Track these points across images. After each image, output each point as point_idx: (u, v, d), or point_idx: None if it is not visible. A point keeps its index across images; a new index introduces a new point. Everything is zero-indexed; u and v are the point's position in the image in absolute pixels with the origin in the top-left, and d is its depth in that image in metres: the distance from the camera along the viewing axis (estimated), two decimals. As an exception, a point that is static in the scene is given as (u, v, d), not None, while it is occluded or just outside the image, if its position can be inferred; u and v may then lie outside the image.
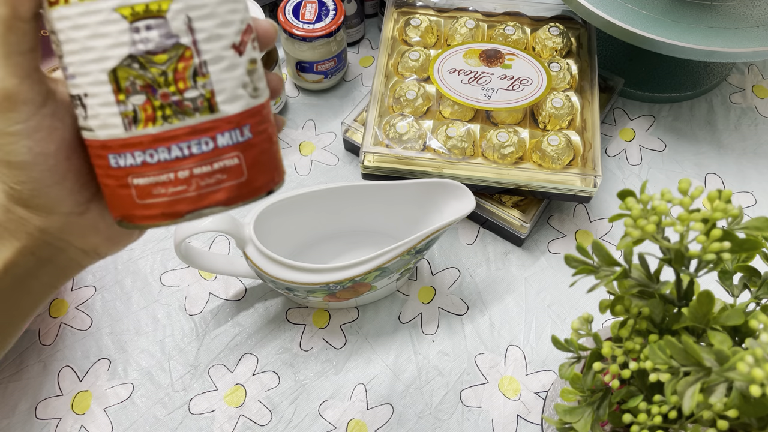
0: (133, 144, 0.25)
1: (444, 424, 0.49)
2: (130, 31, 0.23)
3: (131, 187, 0.25)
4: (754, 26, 0.56)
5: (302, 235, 0.55)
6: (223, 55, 0.25)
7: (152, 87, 0.24)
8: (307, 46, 0.63)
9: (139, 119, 0.24)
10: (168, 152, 0.25)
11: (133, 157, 0.25)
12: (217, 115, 0.25)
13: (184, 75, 0.24)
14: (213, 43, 0.24)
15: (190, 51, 0.24)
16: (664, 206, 0.29)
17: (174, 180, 0.25)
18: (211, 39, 0.24)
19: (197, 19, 0.24)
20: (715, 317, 0.31)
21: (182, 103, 0.24)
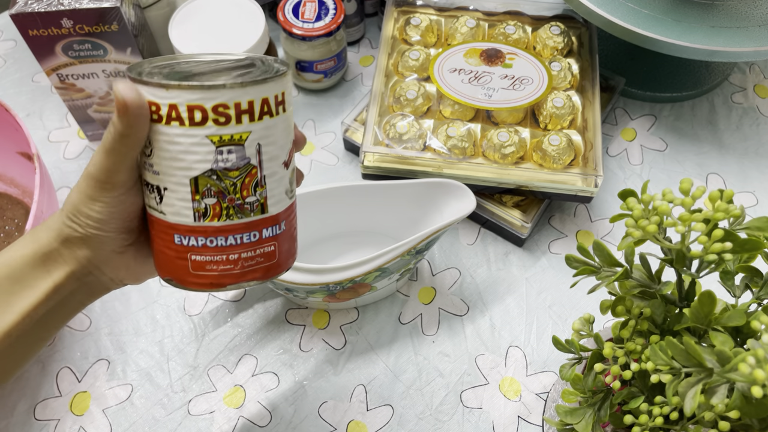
0: (198, 231, 0.31)
1: (444, 425, 0.49)
2: (215, 153, 0.30)
3: (188, 261, 0.32)
4: (756, 26, 0.55)
5: (302, 235, 0.54)
6: (277, 171, 0.32)
7: (223, 193, 0.31)
8: (307, 45, 0.63)
9: (208, 215, 0.31)
10: (225, 240, 0.32)
11: (196, 240, 0.32)
12: (266, 214, 0.32)
13: (249, 186, 0.31)
14: (272, 162, 0.31)
15: (256, 169, 0.31)
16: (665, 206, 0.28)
17: (225, 260, 0.32)
18: (271, 159, 0.31)
19: (265, 146, 0.31)
20: (717, 318, 0.30)
21: (243, 206, 0.31)
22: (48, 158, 0.64)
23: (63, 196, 0.61)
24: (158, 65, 0.31)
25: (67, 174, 0.63)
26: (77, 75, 0.56)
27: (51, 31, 0.52)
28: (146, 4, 0.60)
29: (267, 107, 0.31)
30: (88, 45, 0.54)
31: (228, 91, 0.29)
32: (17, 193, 0.58)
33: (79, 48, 0.54)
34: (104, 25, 0.52)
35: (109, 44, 0.54)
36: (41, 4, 0.51)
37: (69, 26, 0.52)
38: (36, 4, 0.51)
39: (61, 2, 0.51)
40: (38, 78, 0.70)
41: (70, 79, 0.57)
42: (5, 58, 0.72)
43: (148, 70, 0.31)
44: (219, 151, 0.30)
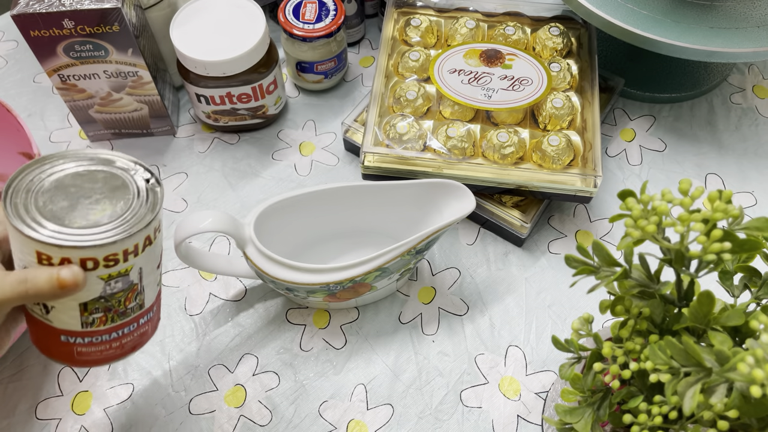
0: (85, 334, 0.36)
1: (444, 424, 0.49)
2: (104, 285, 0.34)
3: (74, 351, 0.37)
4: (755, 26, 0.56)
5: (302, 235, 0.55)
6: (153, 278, 0.37)
7: (109, 308, 0.35)
8: (308, 46, 0.63)
9: (95, 324, 0.36)
10: (109, 335, 0.37)
11: (83, 339, 0.36)
12: (143, 309, 0.38)
13: (131, 297, 0.36)
14: (150, 274, 0.37)
15: (138, 284, 0.36)
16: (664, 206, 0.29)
17: (108, 348, 0.37)
18: (149, 273, 0.36)
19: (145, 267, 0.36)
20: (716, 318, 0.31)
21: (125, 311, 0.36)
22: (49, 158, 0.64)
23: (64, 196, 0.61)
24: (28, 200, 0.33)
25: (67, 174, 0.63)
26: (78, 76, 0.57)
27: (52, 31, 0.52)
28: (147, 5, 0.60)
29: (149, 241, 0.35)
30: (90, 46, 0.54)
31: (118, 244, 0.33)
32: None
33: (80, 49, 0.54)
34: (105, 26, 0.52)
35: (111, 45, 0.54)
36: (42, 5, 0.51)
37: (70, 27, 0.52)
38: (37, 4, 0.51)
39: (62, 3, 0.51)
40: (39, 78, 0.71)
41: (72, 79, 0.57)
42: (6, 58, 0.72)
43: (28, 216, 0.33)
44: (108, 283, 0.34)
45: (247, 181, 0.62)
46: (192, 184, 0.62)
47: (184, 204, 0.61)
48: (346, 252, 0.55)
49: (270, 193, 0.62)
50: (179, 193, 0.62)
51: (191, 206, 0.61)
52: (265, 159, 0.64)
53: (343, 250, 0.55)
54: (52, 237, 0.32)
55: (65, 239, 0.32)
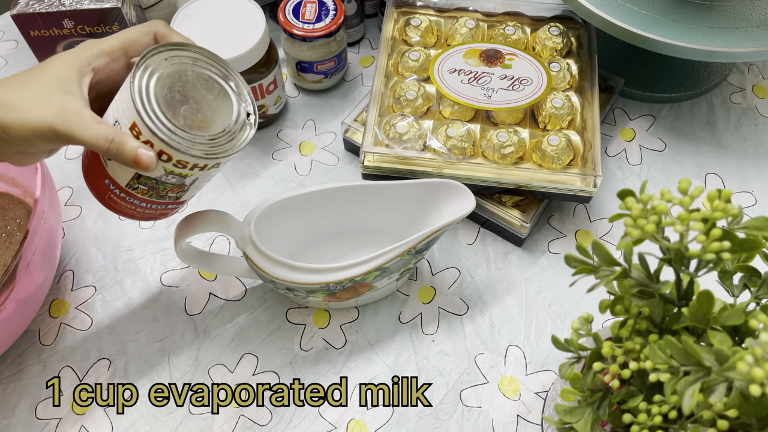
0: (124, 191, 0.41)
1: (444, 424, 0.49)
2: (163, 174, 0.39)
3: (107, 195, 0.42)
4: (755, 26, 0.56)
5: (302, 235, 0.55)
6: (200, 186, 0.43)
7: (154, 188, 0.40)
8: (307, 46, 0.63)
9: (137, 190, 0.41)
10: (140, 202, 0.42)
11: (119, 193, 0.41)
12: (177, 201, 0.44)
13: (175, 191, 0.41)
14: (200, 184, 0.42)
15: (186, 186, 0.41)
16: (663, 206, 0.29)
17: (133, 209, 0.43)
18: (199, 183, 0.42)
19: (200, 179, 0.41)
20: (715, 317, 0.31)
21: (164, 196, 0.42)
22: (49, 158, 0.64)
23: (64, 196, 0.62)
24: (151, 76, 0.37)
25: (68, 174, 0.63)
26: (78, 75, 0.56)
27: (52, 31, 0.52)
28: (147, 4, 0.60)
29: (217, 165, 0.40)
30: (89, 45, 0.54)
31: (196, 158, 0.38)
32: (18, 193, 0.58)
33: (80, 48, 0.54)
34: (105, 26, 0.52)
35: (110, 45, 0.54)
36: (42, 5, 0.51)
37: (70, 27, 0.52)
38: (37, 4, 0.51)
39: (62, 3, 0.51)
40: (39, 78, 0.70)
41: (71, 79, 0.57)
42: (6, 58, 0.72)
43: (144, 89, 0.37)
44: (166, 174, 0.39)
45: (247, 181, 0.62)
46: (192, 184, 0.62)
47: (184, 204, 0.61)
48: (346, 252, 0.55)
49: (270, 192, 0.62)
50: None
51: (191, 206, 0.61)
52: (265, 159, 0.64)
53: (343, 250, 0.55)
54: (152, 121, 0.36)
55: (161, 130, 0.36)
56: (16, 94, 0.37)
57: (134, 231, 0.59)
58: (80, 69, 0.38)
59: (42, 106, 0.36)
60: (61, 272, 0.57)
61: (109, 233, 0.59)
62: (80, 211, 0.61)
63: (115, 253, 0.58)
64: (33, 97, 0.36)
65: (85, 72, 0.39)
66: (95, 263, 0.57)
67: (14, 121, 0.36)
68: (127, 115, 0.37)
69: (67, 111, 0.36)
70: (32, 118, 0.36)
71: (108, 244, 0.59)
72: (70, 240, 0.59)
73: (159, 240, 0.59)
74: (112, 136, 0.36)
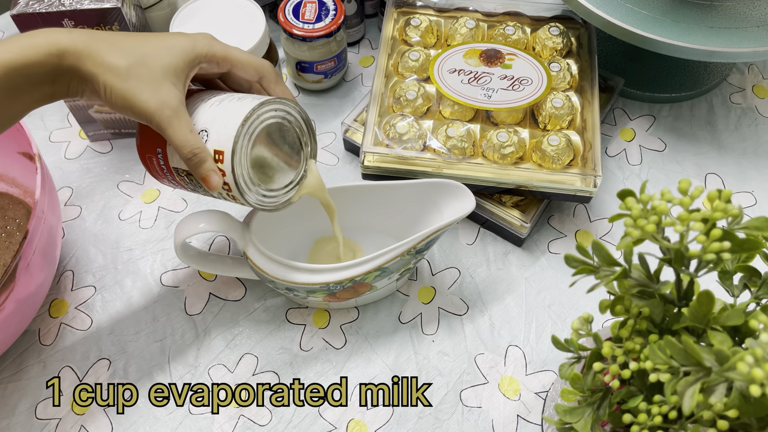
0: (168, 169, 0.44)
1: (444, 424, 0.49)
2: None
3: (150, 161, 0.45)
4: (755, 26, 0.56)
5: (303, 235, 0.55)
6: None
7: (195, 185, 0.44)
8: (307, 46, 0.63)
9: (178, 175, 0.44)
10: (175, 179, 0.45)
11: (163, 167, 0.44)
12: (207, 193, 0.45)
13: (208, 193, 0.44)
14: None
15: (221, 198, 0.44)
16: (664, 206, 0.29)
17: (169, 180, 0.46)
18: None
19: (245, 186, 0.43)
20: (715, 317, 0.31)
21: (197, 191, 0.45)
22: (49, 158, 0.64)
23: (64, 196, 0.62)
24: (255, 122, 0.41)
25: (68, 174, 0.63)
26: (78, 75, 0.56)
27: (52, 31, 0.52)
28: (147, 4, 0.60)
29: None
30: (89, 45, 0.54)
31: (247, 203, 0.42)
32: (18, 193, 0.58)
33: (80, 48, 0.54)
34: (105, 26, 0.52)
35: (110, 45, 0.54)
36: (42, 5, 0.51)
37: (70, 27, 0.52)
38: (37, 4, 0.51)
39: (62, 3, 0.51)
40: (39, 78, 0.70)
41: (71, 79, 0.57)
42: (6, 58, 0.72)
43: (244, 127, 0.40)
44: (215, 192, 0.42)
45: (247, 181, 0.62)
46: (192, 184, 0.62)
47: (184, 204, 0.61)
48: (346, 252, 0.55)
49: (270, 192, 0.62)
50: (179, 192, 0.62)
51: (191, 206, 0.61)
52: (264, 159, 0.64)
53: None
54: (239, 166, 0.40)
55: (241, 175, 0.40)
56: (128, 63, 0.38)
57: (134, 231, 0.59)
58: (192, 63, 0.40)
59: (148, 92, 0.38)
60: (61, 272, 0.57)
61: (109, 233, 0.59)
62: (80, 211, 0.61)
63: (115, 253, 0.58)
64: (144, 77, 0.38)
65: (194, 67, 0.41)
66: (95, 263, 0.57)
67: (119, 91, 0.38)
68: (221, 139, 0.40)
69: (169, 106, 0.38)
70: (135, 98, 0.38)
71: (108, 244, 0.59)
72: (70, 240, 0.59)
73: (159, 240, 0.59)
74: (198, 150, 0.39)
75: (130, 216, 0.60)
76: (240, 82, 0.45)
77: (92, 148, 0.65)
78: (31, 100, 0.38)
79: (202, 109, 0.42)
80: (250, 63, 0.43)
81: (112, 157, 0.64)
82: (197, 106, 0.42)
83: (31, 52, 0.36)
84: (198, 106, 0.42)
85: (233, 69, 0.43)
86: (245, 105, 0.40)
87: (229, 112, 0.40)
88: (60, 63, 0.37)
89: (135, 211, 0.61)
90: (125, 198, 0.61)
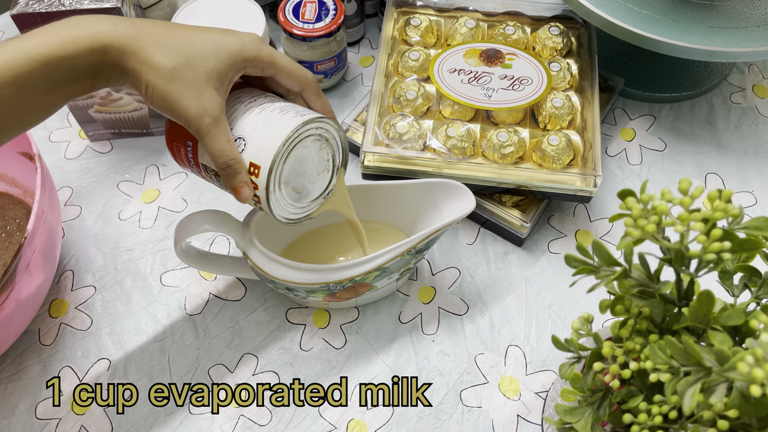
0: (196, 161, 0.43)
1: (444, 424, 0.49)
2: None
3: (178, 151, 0.44)
4: (755, 26, 0.56)
5: (303, 234, 0.55)
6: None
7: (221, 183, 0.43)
8: (307, 45, 0.63)
9: (206, 171, 0.43)
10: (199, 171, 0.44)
11: (190, 159, 0.43)
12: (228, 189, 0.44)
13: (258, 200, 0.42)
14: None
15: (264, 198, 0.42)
16: (664, 206, 0.29)
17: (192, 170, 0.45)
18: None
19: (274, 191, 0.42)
20: (716, 317, 0.31)
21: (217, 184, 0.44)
22: (49, 158, 0.64)
23: (64, 196, 0.62)
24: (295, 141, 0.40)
25: (68, 174, 0.63)
26: (78, 75, 0.56)
27: (52, 31, 0.52)
28: (147, 4, 0.60)
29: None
30: (89, 45, 0.54)
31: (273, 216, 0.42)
32: (18, 193, 0.58)
33: (80, 48, 0.54)
34: (105, 26, 0.52)
35: (110, 45, 0.54)
36: (42, 5, 0.51)
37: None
38: (37, 4, 0.51)
39: (62, 3, 0.51)
40: (39, 78, 0.70)
41: (71, 79, 0.57)
42: (6, 58, 0.72)
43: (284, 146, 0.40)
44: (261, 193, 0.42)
45: (247, 181, 0.62)
46: (192, 183, 0.62)
47: (184, 204, 0.61)
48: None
49: (270, 192, 0.62)
50: (179, 192, 0.62)
51: (191, 206, 0.61)
52: (265, 159, 0.64)
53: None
54: (274, 183, 0.40)
55: (273, 192, 0.40)
56: (173, 65, 0.37)
57: (134, 231, 0.59)
58: (237, 67, 0.40)
59: (190, 98, 0.37)
60: (61, 272, 0.57)
61: (109, 233, 0.59)
62: (80, 211, 0.61)
63: (115, 253, 0.58)
64: (188, 80, 0.37)
65: (239, 71, 0.40)
66: (95, 263, 0.57)
67: (161, 92, 0.37)
68: (259, 153, 0.39)
69: (210, 114, 0.38)
70: (177, 102, 0.37)
71: (108, 244, 0.59)
72: (70, 240, 0.59)
73: (159, 240, 0.59)
74: (233, 161, 0.39)
75: (130, 216, 0.60)
76: (280, 88, 0.44)
77: (92, 148, 0.65)
78: (71, 92, 0.37)
79: (241, 113, 0.41)
80: (294, 73, 0.42)
81: (112, 157, 0.64)
82: (236, 108, 0.41)
83: (72, 47, 0.35)
84: (236, 109, 0.41)
85: (277, 76, 0.42)
86: (288, 122, 0.40)
87: (270, 127, 0.40)
88: (102, 59, 0.36)
89: (135, 211, 0.61)
90: (125, 198, 0.61)
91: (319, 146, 0.42)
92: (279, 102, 0.42)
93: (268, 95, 0.43)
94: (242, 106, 0.41)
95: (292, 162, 0.41)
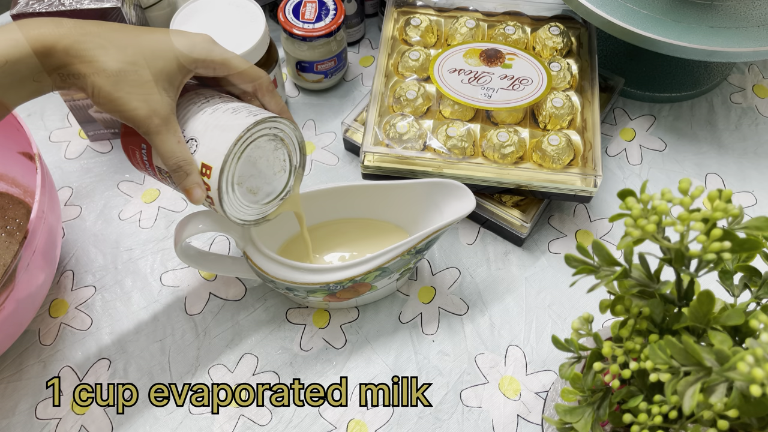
0: (151, 165, 0.43)
1: (444, 424, 0.49)
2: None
3: (134, 154, 0.44)
4: (755, 26, 0.56)
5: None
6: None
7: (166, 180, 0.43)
8: (307, 45, 0.63)
9: (160, 173, 0.43)
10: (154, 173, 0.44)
11: (145, 162, 0.43)
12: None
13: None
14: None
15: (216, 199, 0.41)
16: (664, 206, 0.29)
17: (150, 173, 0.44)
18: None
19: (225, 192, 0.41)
20: (716, 317, 0.31)
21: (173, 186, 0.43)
22: (49, 158, 0.64)
23: (64, 196, 0.62)
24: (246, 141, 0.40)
25: (68, 174, 0.63)
26: (78, 75, 0.56)
27: (52, 31, 0.52)
28: (147, 4, 0.60)
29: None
30: (89, 45, 0.54)
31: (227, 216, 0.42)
32: (18, 192, 0.58)
33: (80, 48, 0.54)
34: (105, 26, 0.52)
35: (110, 44, 0.54)
36: (42, 5, 0.51)
37: (70, 27, 0.52)
38: (37, 4, 0.51)
39: (62, 2, 0.51)
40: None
41: (71, 79, 0.57)
42: (6, 58, 0.72)
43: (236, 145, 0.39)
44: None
45: (247, 181, 0.62)
46: (192, 183, 0.62)
47: (184, 204, 0.61)
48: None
49: (270, 192, 0.62)
50: (179, 192, 0.62)
51: (191, 206, 0.61)
52: (265, 159, 0.64)
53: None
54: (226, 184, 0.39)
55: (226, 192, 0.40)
56: (119, 66, 0.37)
57: (134, 231, 0.59)
58: (187, 68, 0.39)
59: (138, 99, 0.37)
60: (61, 272, 0.57)
61: (109, 233, 0.59)
62: (80, 211, 0.61)
63: (115, 253, 0.58)
64: (134, 82, 0.37)
65: (189, 72, 0.40)
66: (95, 263, 0.57)
67: (107, 94, 0.37)
68: (210, 154, 0.39)
69: (159, 115, 0.38)
70: (125, 104, 0.37)
71: (108, 244, 0.59)
72: (70, 240, 0.59)
73: (159, 240, 0.59)
74: (183, 162, 0.39)
75: (130, 216, 0.60)
76: (234, 89, 0.44)
77: (92, 148, 0.65)
78: (18, 97, 0.37)
79: (193, 113, 0.41)
80: (247, 73, 0.42)
81: (112, 157, 0.64)
82: (189, 109, 0.41)
83: (14, 51, 0.35)
84: (189, 110, 0.41)
85: (230, 76, 0.42)
86: (239, 122, 0.39)
87: (221, 127, 0.39)
88: (44, 61, 0.36)
89: (135, 211, 0.61)
90: (125, 198, 0.61)
91: (274, 146, 0.42)
92: (233, 102, 0.42)
93: (222, 96, 0.43)
94: (195, 107, 0.41)
95: (245, 162, 0.40)
